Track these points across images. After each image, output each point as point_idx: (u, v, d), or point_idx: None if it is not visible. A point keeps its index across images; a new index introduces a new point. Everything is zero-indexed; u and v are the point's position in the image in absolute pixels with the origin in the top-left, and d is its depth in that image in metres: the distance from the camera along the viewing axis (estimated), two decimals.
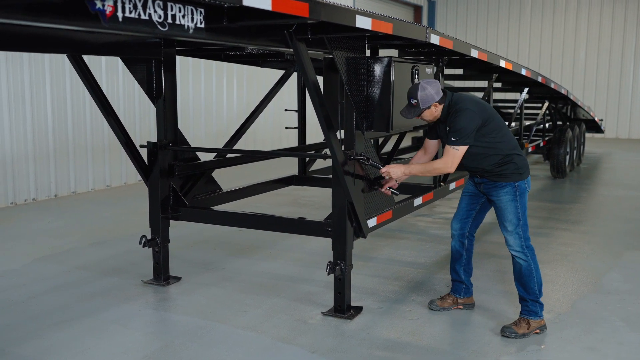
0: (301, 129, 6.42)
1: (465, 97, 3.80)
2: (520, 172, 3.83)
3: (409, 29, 3.80)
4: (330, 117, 3.74)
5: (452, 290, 4.25)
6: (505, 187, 3.83)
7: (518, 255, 3.84)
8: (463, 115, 3.68)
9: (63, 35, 3.73)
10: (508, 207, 3.83)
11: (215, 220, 4.64)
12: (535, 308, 3.85)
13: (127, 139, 4.59)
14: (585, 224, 6.92)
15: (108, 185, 9.13)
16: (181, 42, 4.60)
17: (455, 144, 3.71)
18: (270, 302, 4.34)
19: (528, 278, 3.83)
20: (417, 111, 3.74)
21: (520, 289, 3.89)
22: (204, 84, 10.90)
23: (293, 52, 3.49)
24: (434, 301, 4.25)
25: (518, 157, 3.84)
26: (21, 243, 5.95)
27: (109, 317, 4.05)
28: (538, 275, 3.86)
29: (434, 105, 3.75)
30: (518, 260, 3.84)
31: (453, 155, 3.73)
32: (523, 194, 3.84)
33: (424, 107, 3.72)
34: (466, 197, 4.11)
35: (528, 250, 3.84)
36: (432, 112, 3.78)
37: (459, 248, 4.17)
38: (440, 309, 4.19)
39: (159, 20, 2.41)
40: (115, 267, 5.15)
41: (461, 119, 3.68)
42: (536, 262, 3.87)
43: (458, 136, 3.69)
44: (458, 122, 3.68)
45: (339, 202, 4.01)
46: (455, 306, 4.21)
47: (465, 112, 3.69)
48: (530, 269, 3.83)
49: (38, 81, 7.93)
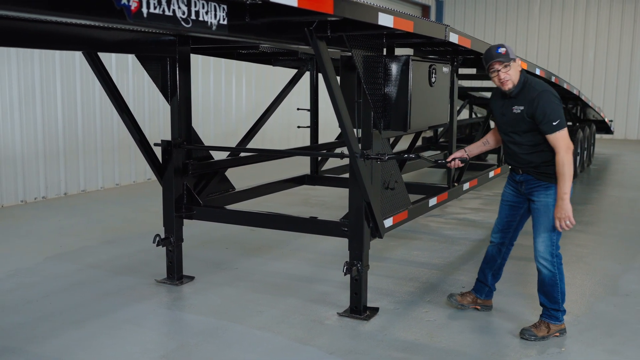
0: (313, 128, 6.37)
1: (538, 80, 3.67)
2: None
3: (429, 27, 3.76)
4: (349, 116, 3.70)
5: (474, 289, 4.18)
6: (549, 189, 3.66)
7: (545, 264, 3.69)
8: (549, 98, 3.52)
9: (80, 33, 3.71)
10: (548, 210, 3.65)
11: (230, 219, 4.61)
12: (556, 314, 3.78)
13: (142, 137, 4.56)
14: (598, 225, 6.86)
15: (117, 183, 9.11)
16: (196, 40, 4.57)
17: (559, 128, 3.51)
18: (285, 303, 4.31)
19: (552, 288, 3.72)
20: (505, 59, 3.56)
21: (542, 297, 3.79)
22: (213, 83, 10.88)
23: (312, 50, 3.46)
24: (453, 295, 4.20)
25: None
26: (32, 241, 5.93)
27: (123, 316, 4.03)
28: (562, 284, 3.74)
29: (518, 62, 3.62)
30: (543, 269, 3.71)
31: (564, 136, 3.53)
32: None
33: (513, 57, 3.58)
34: (506, 206, 3.96)
35: (556, 259, 3.70)
36: (515, 71, 3.60)
37: (495, 254, 4.07)
38: (458, 304, 4.14)
39: (183, 16, 2.38)
40: (128, 266, 5.12)
41: (549, 101, 3.51)
42: (562, 271, 3.74)
43: (557, 118, 3.50)
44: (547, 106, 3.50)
45: (356, 202, 3.97)
46: (474, 305, 4.15)
47: (551, 96, 3.53)
48: (555, 280, 3.70)
49: (48, 80, 7.91)
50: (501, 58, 3.58)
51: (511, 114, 3.68)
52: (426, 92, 4.28)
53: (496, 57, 3.60)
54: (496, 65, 3.61)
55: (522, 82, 3.64)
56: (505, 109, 3.73)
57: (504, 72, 3.60)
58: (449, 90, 4.83)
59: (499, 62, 3.59)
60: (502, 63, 3.59)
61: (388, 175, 4.25)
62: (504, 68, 3.59)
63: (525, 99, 3.60)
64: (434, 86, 4.40)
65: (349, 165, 3.95)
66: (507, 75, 3.60)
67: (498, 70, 3.61)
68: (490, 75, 3.70)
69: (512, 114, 3.68)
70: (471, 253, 5.68)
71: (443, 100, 4.70)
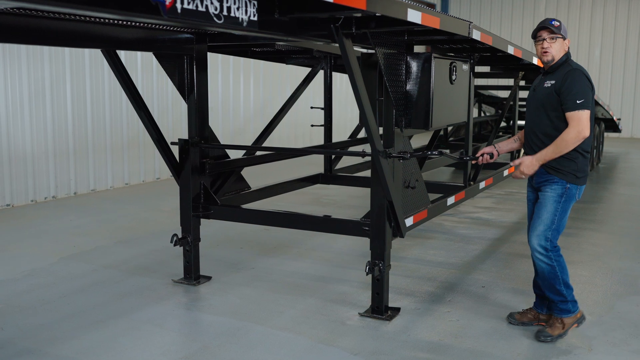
0: (327, 126, 6.32)
1: (577, 64, 3.61)
2: (578, 176, 3.58)
3: (453, 24, 3.72)
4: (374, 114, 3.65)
5: (535, 305, 3.94)
6: (556, 183, 3.58)
7: (541, 258, 3.61)
8: (580, 77, 3.46)
9: (99, 30, 3.67)
10: (548, 204, 3.59)
11: (249, 219, 4.56)
12: (566, 306, 3.69)
13: (159, 135, 4.51)
14: (612, 224, 6.82)
15: (127, 183, 9.07)
16: (213, 38, 4.53)
17: (581, 107, 3.40)
18: (304, 303, 4.26)
19: (553, 281, 3.64)
20: (555, 30, 3.53)
21: (547, 292, 3.70)
22: (221, 80, 10.83)
23: (332, 47, 3.42)
24: (513, 314, 3.97)
25: (582, 158, 3.58)
26: (45, 241, 5.89)
27: (143, 317, 3.98)
28: (564, 275, 3.65)
29: (567, 42, 3.59)
30: (540, 264, 3.63)
31: (581, 118, 3.40)
32: (570, 199, 3.60)
33: (564, 33, 3.56)
34: (530, 205, 3.86)
35: (553, 253, 3.61)
36: (559, 46, 3.56)
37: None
38: (518, 323, 3.90)
39: (215, 12, 2.34)
40: (144, 266, 5.08)
41: (579, 79, 3.45)
42: (561, 262, 3.64)
43: (581, 97, 3.41)
44: (576, 83, 3.45)
45: (378, 201, 3.93)
46: (537, 322, 3.87)
47: (582, 76, 3.47)
48: (554, 272, 3.61)
49: (58, 78, 7.87)
50: (552, 28, 3.56)
51: (542, 88, 3.64)
52: (447, 90, 4.23)
53: (548, 25, 3.58)
54: (544, 33, 3.60)
55: (563, 60, 3.61)
56: (538, 84, 3.71)
57: (548, 42, 3.58)
58: (468, 88, 4.79)
59: (548, 31, 3.58)
60: (550, 32, 3.57)
61: (409, 173, 4.21)
62: (550, 39, 3.57)
63: (559, 75, 3.57)
64: (454, 84, 4.35)
65: (371, 163, 3.91)
66: (550, 46, 3.58)
67: (544, 39, 3.59)
68: (535, 44, 3.68)
69: (542, 89, 3.63)
70: (488, 252, 5.63)
71: (462, 98, 4.66)
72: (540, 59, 3.67)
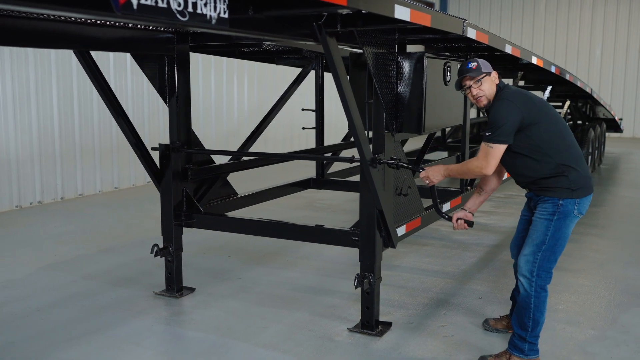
0: (319, 129, 6.10)
1: (512, 89, 3.31)
2: (572, 189, 3.20)
3: (446, 21, 3.49)
4: (361, 117, 3.43)
5: (511, 313, 3.78)
6: (546, 202, 3.25)
7: (522, 281, 3.27)
8: (500, 106, 3.20)
9: (70, 30, 3.45)
10: (538, 224, 3.24)
11: (233, 228, 4.34)
12: (521, 344, 3.30)
13: (138, 140, 4.30)
14: (615, 229, 6.59)
15: (116, 187, 8.85)
16: (195, 38, 4.31)
17: (488, 140, 3.16)
18: (291, 317, 4.04)
19: (523, 310, 3.27)
20: (476, 73, 3.26)
21: (513, 317, 3.40)
22: (214, 82, 10.61)
23: (319, 47, 3.20)
24: (488, 320, 3.87)
25: (574, 172, 3.21)
26: (26, 250, 5.67)
27: (120, 334, 3.76)
28: (538, 312, 3.25)
29: (494, 76, 3.31)
30: (520, 287, 3.29)
31: (486, 153, 3.17)
32: (565, 216, 3.21)
33: (486, 70, 3.28)
34: (522, 221, 3.60)
35: (536, 280, 3.23)
36: (489, 85, 3.28)
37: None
38: (492, 329, 3.80)
39: (179, 8, 2.11)
40: (126, 277, 4.86)
41: (496, 110, 3.20)
42: (541, 297, 3.24)
43: (491, 130, 3.18)
44: (492, 114, 3.22)
45: (368, 210, 3.71)
46: (511, 330, 3.69)
47: (503, 103, 3.19)
48: (528, 302, 3.24)
49: (44, 80, 7.65)
50: (472, 73, 3.29)
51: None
52: (441, 91, 4.01)
53: (466, 72, 3.32)
54: (467, 82, 3.33)
55: (495, 93, 3.32)
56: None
57: (476, 88, 3.31)
58: None
59: (469, 78, 3.31)
60: (473, 78, 3.30)
61: (401, 180, 3.99)
62: (475, 84, 3.30)
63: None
64: (448, 85, 4.13)
65: (360, 170, 3.69)
66: (480, 90, 3.30)
67: (470, 87, 3.33)
68: (464, 93, 3.42)
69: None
70: (485, 260, 5.41)
71: (458, 99, 4.43)
72: (478, 106, 3.41)
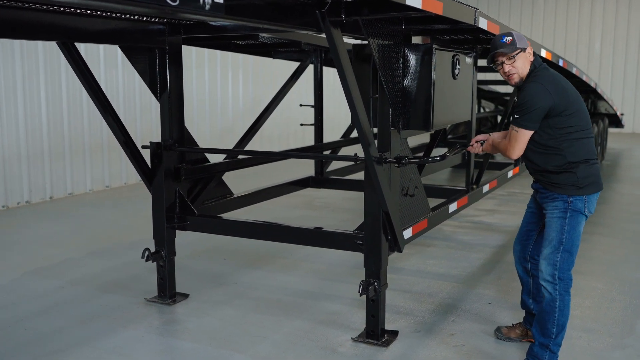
0: (318, 126, 5.86)
1: (548, 73, 3.10)
2: (579, 186, 3.08)
3: (459, 10, 3.26)
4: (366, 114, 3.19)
5: (524, 320, 3.61)
6: (556, 200, 3.13)
7: (546, 286, 3.13)
8: (532, 88, 3.01)
9: (54, 20, 3.21)
10: (553, 224, 3.13)
11: (228, 231, 4.10)
12: (542, 354, 3.15)
13: (127, 138, 4.04)
14: (622, 228, 6.38)
15: (107, 185, 8.58)
16: (188, 29, 4.06)
17: (515, 123, 3.03)
18: (291, 325, 3.81)
19: (548, 315, 3.11)
20: (510, 49, 3.06)
21: (535, 326, 3.20)
22: (208, 77, 10.34)
23: (319, 39, 2.96)
24: (500, 329, 3.65)
25: (584, 167, 3.09)
26: (12, 253, 5.41)
27: (108, 345, 3.52)
28: (562, 317, 3.11)
29: (528, 52, 3.10)
30: (544, 292, 3.14)
31: (511, 137, 3.07)
32: (576, 214, 3.10)
33: (521, 45, 3.06)
34: (527, 213, 3.45)
35: (560, 284, 3.10)
36: (523, 62, 3.09)
37: (522, 274, 3.52)
38: (505, 338, 3.58)
39: None
40: (116, 282, 4.61)
41: (527, 92, 3.01)
42: (565, 299, 3.11)
43: (520, 113, 3.01)
44: (523, 96, 3.03)
45: (373, 212, 3.47)
46: (526, 338, 3.52)
47: (536, 87, 3.00)
48: (553, 306, 3.10)
49: (31, 75, 7.37)
50: (505, 49, 3.09)
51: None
52: (450, 85, 3.78)
53: (500, 47, 3.11)
54: (500, 57, 3.13)
55: (529, 72, 3.12)
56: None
57: (508, 65, 3.12)
58: (471, 83, 4.34)
59: (502, 54, 3.11)
60: (505, 54, 3.10)
61: (407, 180, 3.75)
62: (508, 60, 3.11)
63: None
64: (457, 79, 3.90)
65: (365, 170, 3.45)
66: (512, 68, 3.11)
67: (502, 63, 3.13)
68: (495, 69, 3.21)
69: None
70: (492, 262, 5.19)
71: (466, 94, 4.21)
72: (509, 84, 3.21)
